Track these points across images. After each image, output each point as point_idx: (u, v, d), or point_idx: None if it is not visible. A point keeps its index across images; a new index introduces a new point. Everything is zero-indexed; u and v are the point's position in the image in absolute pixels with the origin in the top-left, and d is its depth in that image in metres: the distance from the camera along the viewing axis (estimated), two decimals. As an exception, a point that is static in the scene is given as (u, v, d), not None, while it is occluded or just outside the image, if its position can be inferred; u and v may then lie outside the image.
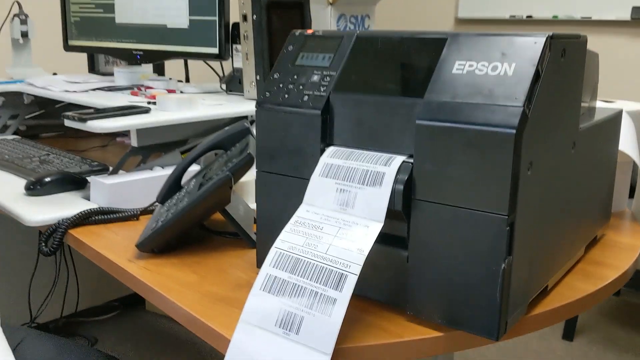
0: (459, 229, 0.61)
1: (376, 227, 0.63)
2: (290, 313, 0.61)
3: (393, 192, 0.63)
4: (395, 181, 0.63)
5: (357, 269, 0.61)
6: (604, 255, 0.89)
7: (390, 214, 0.65)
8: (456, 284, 0.63)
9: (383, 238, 0.67)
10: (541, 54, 0.60)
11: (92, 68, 1.91)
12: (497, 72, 0.60)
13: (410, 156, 0.64)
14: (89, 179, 1.10)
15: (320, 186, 0.67)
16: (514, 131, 0.57)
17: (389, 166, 0.64)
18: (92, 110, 1.12)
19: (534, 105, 0.59)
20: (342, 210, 0.65)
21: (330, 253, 0.63)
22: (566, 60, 0.66)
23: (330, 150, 0.69)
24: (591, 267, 0.84)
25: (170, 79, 1.58)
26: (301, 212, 0.67)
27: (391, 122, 0.65)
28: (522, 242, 0.62)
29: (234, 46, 1.42)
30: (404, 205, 0.64)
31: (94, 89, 1.48)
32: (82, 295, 2.09)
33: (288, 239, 0.65)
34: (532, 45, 0.60)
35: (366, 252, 0.62)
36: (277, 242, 0.65)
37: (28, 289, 1.95)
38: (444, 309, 0.64)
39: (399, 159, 0.64)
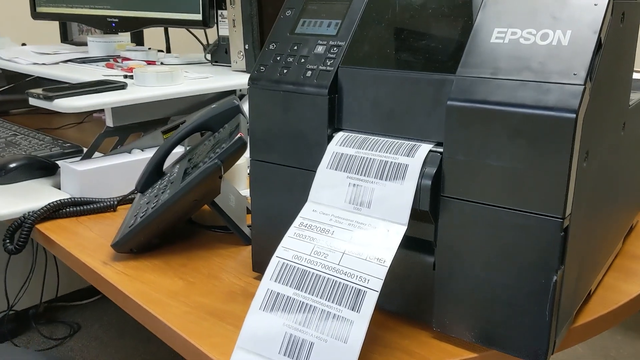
0: (498, 233, 0.51)
1: (399, 232, 0.52)
2: (297, 338, 0.50)
3: (418, 189, 0.52)
4: (421, 175, 0.52)
5: (378, 284, 0.50)
6: (643, 247, 0.79)
7: (415, 213, 0.54)
8: (494, 298, 0.52)
9: (405, 241, 0.56)
10: (603, 18, 0.48)
11: (65, 38, 1.77)
12: (548, 42, 0.49)
13: (439, 144, 0.53)
14: (59, 163, 0.97)
15: (329, 180, 0.56)
16: (574, 115, 0.46)
17: (412, 157, 0.53)
18: (60, 86, 1.00)
19: (594, 82, 0.48)
20: (356, 211, 0.54)
21: (344, 264, 0.52)
22: (625, 26, 0.55)
23: (339, 136, 0.57)
24: (631, 262, 0.74)
25: (149, 49, 1.45)
26: (306, 212, 0.56)
27: (414, 104, 0.54)
28: (573, 246, 0.52)
29: (220, 12, 1.29)
30: (431, 203, 0.53)
31: (65, 61, 1.35)
32: (62, 280, 1.98)
33: (292, 246, 0.54)
34: (592, 7, 0.49)
35: (388, 263, 0.51)
36: (279, 251, 0.54)
37: (4, 275, 1.84)
38: (477, 326, 0.54)
39: (425, 148, 0.53)
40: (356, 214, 0.54)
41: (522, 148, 0.48)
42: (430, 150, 0.53)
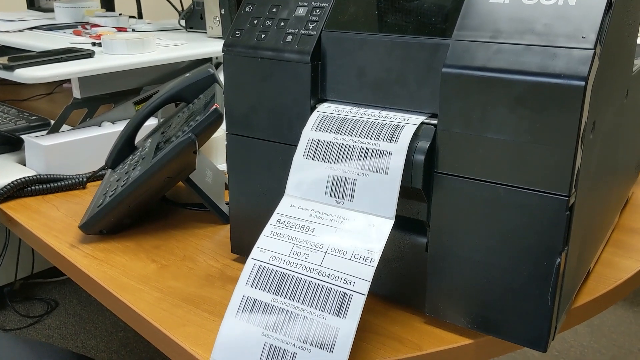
0: (497, 212, 0.46)
1: (385, 226, 0.47)
2: (278, 348, 0.45)
3: (410, 165, 0.48)
4: (414, 150, 0.48)
5: (365, 287, 0.45)
6: (639, 220, 0.76)
7: (406, 191, 0.49)
8: (491, 281, 0.48)
9: (395, 221, 0.52)
10: (614, -26, 0.43)
11: (32, 4, 1.68)
12: (553, 1, 0.44)
13: (432, 116, 0.49)
14: (24, 138, 0.91)
15: (306, 171, 0.50)
16: (583, 83, 0.41)
17: (396, 142, 0.47)
18: (23, 55, 0.93)
19: (603, 46, 0.44)
20: (338, 204, 0.49)
21: (327, 265, 0.47)
22: (634, -17, 0.50)
23: (314, 118, 0.52)
24: (627, 236, 0.71)
25: (119, 15, 1.37)
26: (284, 207, 0.51)
27: (405, 71, 0.49)
28: (577, 225, 0.48)
29: (193, -25, 1.22)
30: (424, 180, 0.48)
31: (30, 28, 1.27)
32: (38, 255, 1.92)
33: (269, 247, 0.49)
34: (602, -38, 0.44)
35: (375, 262, 0.46)
36: (255, 252, 0.49)
37: (-24, 253, 1.78)
38: (473, 311, 0.50)
39: (409, 129, 0.48)
40: (338, 207, 0.49)
41: (525, 120, 0.43)
42: (423, 123, 0.48)
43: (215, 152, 0.89)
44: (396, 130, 0.48)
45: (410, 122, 0.48)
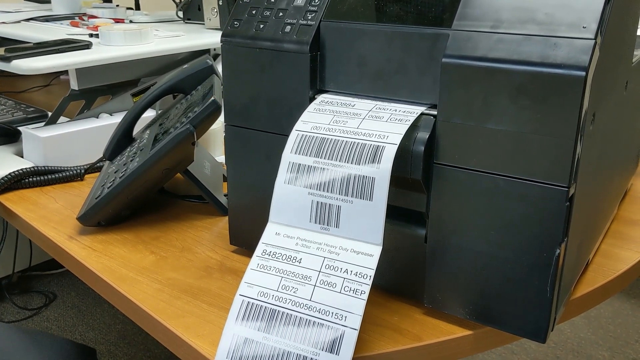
0: (497, 203, 0.46)
1: (374, 254, 0.46)
2: None
3: (410, 156, 0.48)
4: (413, 140, 0.47)
5: (357, 321, 0.44)
6: (638, 211, 0.76)
7: (405, 182, 0.49)
8: (491, 272, 0.48)
9: (393, 212, 0.52)
10: (616, -37, 0.43)
11: (28, -6, 1.67)
12: (554, -10, 0.44)
13: (433, 106, 0.48)
14: (21, 129, 0.91)
15: (289, 197, 0.49)
16: (583, 73, 0.41)
17: (378, 166, 0.46)
18: (20, 46, 0.92)
19: (604, 36, 0.43)
20: (324, 231, 0.48)
21: (316, 299, 0.46)
22: (635, -27, 0.50)
23: (292, 139, 0.49)
24: (626, 227, 0.71)
25: (117, 6, 1.36)
26: (269, 236, 0.49)
27: (405, 61, 0.49)
28: (577, 216, 0.48)
29: (191, -34, 1.21)
30: (423, 171, 0.48)
31: (27, 19, 1.27)
32: (36, 248, 1.92)
33: (256, 281, 0.47)
34: (603, -49, 0.44)
35: (366, 295, 0.45)
36: (242, 288, 0.47)
37: (-26, 245, 1.77)
38: (472, 302, 0.50)
39: (390, 149, 0.46)
40: (324, 234, 0.48)
41: (526, 110, 0.43)
42: (423, 113, 0.48)
43: (214, 144, 0.89)
44: (377, 153, 0.46)
45: (390, 140, 0.46)
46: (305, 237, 0.48)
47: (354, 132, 0.48)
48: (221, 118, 0.65)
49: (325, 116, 0.50)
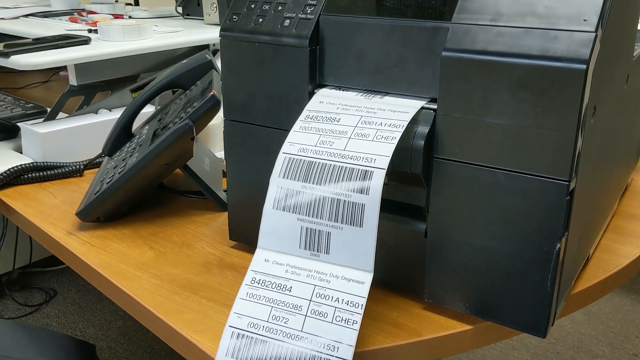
0: (497, 197, 0.46)
1: (365, 280, 0.46)
2: None
3: (409, 150, 0.47)
4: (413, 135, 0.47)
5: (349, 352, 0.44)
6: (638, 206, 0.75)
7: (405, 177, 0.49)
8: (491, 267, 0.48)
9: (393, 207, 0.52)
10: (617, -45, 0.43)
11: (27, -10, 1.66)
12: (554, -17, 0.44)
13: (432, 100, 0.48)
14: (20, 125, 0.91)
15: (278, 223, 0.47)
16: (584, 66, 0.41)
17: (367, 192, 0.45)
18: (19, 42, 0.92)
19: (604, 29, 0.43)
20: (314, 257, 0.47)
21: (307, 330, 0.45)
22: (636, -34, 0.50)
23: (281, 162, 0.48)
24: (627, 222, 0.71)
25: (116, 1, 1.36)
26: (258, 263, 0.48)
27: (405, 55, 0.49)
28: (577, 210, 0.47)
29: (190, -39, 1.21)
30: (423, 166, 0.48)
31: (25, 15, 1.26)
32: (36, 244, 1.92)
33: (246, 312, 0.46)
34: (604, -57, 0.43)
35: (358, 325, 0.44)
36: (232, 318, 0.46)
37: (-27, 242, 1.77)
38: (472, 297, 0.50)
39: (379, 173, 0.45)
40: (315, 261, 0.47)
41: (526, 103, 0.43)
42: (423, 107, 0.48)
43: (213, 140, 0.89)
44: (366, 177, 0.45)
45: (378, 165, 0.45)
46: (295, 263, 0.47)
47: (341, 155, 0.47)
48: (220, 113, 0.65)
49: (312, 136, 0.49)
